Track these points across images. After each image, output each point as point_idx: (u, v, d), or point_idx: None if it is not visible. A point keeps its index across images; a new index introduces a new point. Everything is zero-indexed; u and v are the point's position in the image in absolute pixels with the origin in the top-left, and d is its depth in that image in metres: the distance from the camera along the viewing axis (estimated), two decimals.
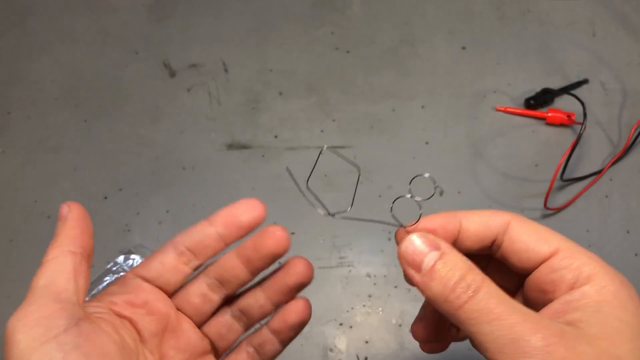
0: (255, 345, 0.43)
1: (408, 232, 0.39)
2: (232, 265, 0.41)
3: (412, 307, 0.75)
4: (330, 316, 0.75)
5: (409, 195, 0.41)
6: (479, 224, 0.39)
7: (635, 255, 0.79)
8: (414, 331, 0.44)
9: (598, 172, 0.82)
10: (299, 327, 0.43)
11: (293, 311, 0.42)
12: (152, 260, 0.41)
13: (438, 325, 0.44)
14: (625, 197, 0.82)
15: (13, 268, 0.80)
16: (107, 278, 0.76)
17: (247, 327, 0.44)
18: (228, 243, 0.40)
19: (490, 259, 0.42)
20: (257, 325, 0.45)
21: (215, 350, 0.43)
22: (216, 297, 0.42)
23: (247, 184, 0.84)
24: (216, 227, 0.40)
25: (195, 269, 0.43)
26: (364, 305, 0.76)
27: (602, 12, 0.97)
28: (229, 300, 0.45)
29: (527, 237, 0.38)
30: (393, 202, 0.40)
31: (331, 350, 0.73)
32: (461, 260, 0.35)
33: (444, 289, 0.34)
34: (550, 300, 0.36)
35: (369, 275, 0.77)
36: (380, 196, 0.82)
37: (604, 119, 0.88)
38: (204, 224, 0.41)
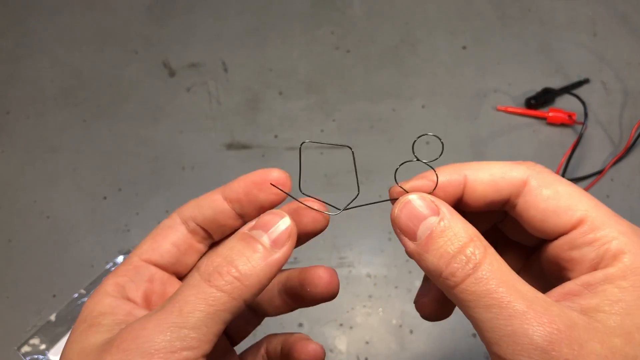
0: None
1: (404, 193, 0.34)
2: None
3: (413, 308, 0.75)
4: (330, 317, 0.75)
5: (414, 159, 0.36)
6: (489, 183, 0.33)
7: None
8: (418, 307, 0.40)
9: (599, 172, 0.82)
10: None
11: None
12: (162, 241, 0.37)
13: (444, 297, 0.41)
14: (626, 197, 0.82)
15: (12, 268, 0.79)
16: None
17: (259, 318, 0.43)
18: (246, 220, 0.37)
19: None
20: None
21: (230, 338, 0.42)
22: (202, 247, 0.39)
23: None
24: (232, 204, 0.36)
25: (212, 246, 0.39)
26: (364, 306, 0.75)
27: (603, 12, 0.97)
28: None
29: (545, 204, 0.31)
30: (397, 168, 0.35)
31: (331, 350, 0.72)
32: (463, 228, 0.30)
33: (439, 263, 0.30)
34: (566, 278, 0.31)
35: (369, 276, 0.77)
36: (380, 196, 0.82)
37: (605, 119, 0.88)
38: (215, 194, 0.37)
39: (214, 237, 0.38)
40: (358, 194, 0.36)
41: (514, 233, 0.38)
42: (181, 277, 0.39)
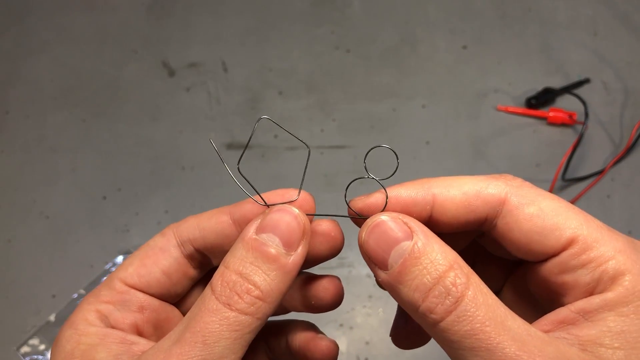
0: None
1: (368, 213, 0.30)
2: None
3: None
4: (331, 317, 0.74)
5: (365, 176, 0.32)
6: (461, 202, 0.29)
7: None
8: (396, 341, 0.36)
9: (600, 172, 0.82)
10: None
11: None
12: (152, 267, 0.33)
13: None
14: (627, 197, 0.82)
15: (11, 268, 0.79)
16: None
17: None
18: None
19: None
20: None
21: None
22: (197, 274, 0.35)
23: None
24: (242, 229, 0.31)
25: (209, 272, 0.35)
26: (364, 306, 0.75)
27: (604, 11, 0.97)
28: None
29: (529, 224, 0.28)
30: (347, 187, 0.32)
31: None
32: (441, 253, 0.26)
33: (415, 296, 0.26)
34: (559, 301, 0.27)
35: (369, 276, 0.77)
36: None
37: (605, 119, 0.87)
38: (222, 216, 0.33)
39: (213, 262, 0.35)
40: (297, 197, 0.33)
41: (496, 248, 0.34)
42: (172, 302, 0.35)
